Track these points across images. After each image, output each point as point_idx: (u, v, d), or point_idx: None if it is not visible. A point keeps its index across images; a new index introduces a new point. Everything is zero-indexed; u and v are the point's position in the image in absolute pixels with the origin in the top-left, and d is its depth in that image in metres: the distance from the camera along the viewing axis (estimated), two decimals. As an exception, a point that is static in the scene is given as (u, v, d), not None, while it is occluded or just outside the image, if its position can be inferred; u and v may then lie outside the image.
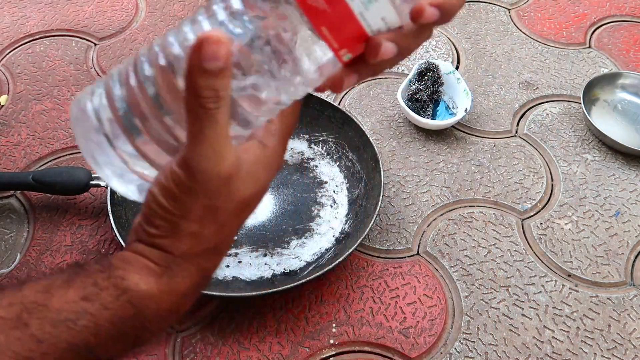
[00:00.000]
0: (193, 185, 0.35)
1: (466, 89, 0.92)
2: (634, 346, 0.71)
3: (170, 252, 0.37)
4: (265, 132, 0.38)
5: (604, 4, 1.15)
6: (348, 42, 0.34)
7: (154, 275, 0.37)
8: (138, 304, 0.37)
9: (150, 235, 0.37)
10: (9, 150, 0.88)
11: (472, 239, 0.80)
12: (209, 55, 0.32)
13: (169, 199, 0.36)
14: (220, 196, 0.36)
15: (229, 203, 0.37)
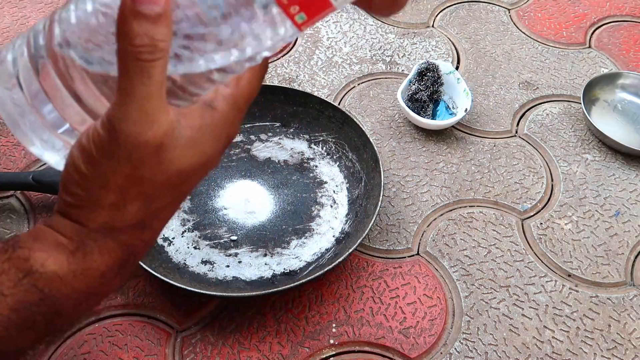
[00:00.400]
0: (115, 150, 0.30)
1: (466, 89, 0.92)
2: (634, 346, 0.71)
3: (85, 225, 0.32)
4: (214, 95, 0.33)
5: (604, 4, 1.15)
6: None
7: (64, 252, 0.32)
8: (45, 287, 0.32)
9: (66, 204, 0.32)
10: (9, 150, 0.88)
11: (472, 239, 0.80)
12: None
13: (87, 163, 0.31)
14: (147, 166, 0.31)
15: (158, 174, 0.32)
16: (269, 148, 0.88)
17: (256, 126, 0.89)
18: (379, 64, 1.03)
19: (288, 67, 1.01)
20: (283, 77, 1.00)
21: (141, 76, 0.28)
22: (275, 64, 1.02)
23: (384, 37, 1.07)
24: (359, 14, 1.12)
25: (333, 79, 0.99)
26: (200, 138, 0.32)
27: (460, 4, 1.14)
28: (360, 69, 1.01)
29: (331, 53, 1.04)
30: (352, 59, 1.03)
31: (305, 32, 0.35)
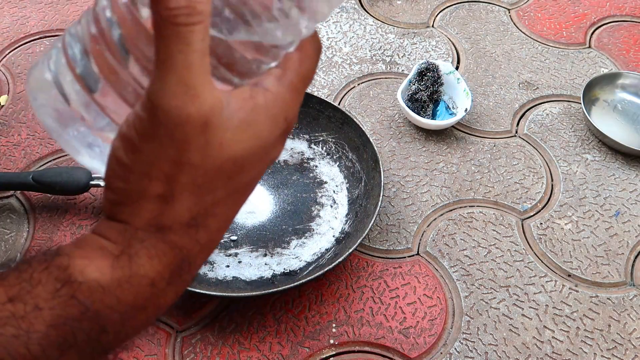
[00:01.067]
0: (156, 130, 0.26)
1: (466, 89, 0.92)
2: (634, 346, 0.71)
3: (130, 223, 0.28)
4: (265, 76, 0.29)
5: (604, 4, 1.15)
6: None
7: (108, 258, 0.28)
8: (86, 299, 0.27)
9: (110, 202, 0.28)
10: (9, 150, 0.88)
11: (472, 239, 0.80)
12: None
13: (128, 151, 0.27)
14: (194, 149, 0.27)
15: (208, 160, 0.27)
16: (269, 148, 0.87)
17: (256, 126, 0.89)
18: (379, 64, 1.02)
19: (288, 67, 1.01)
20: (283, 77, 0.99)
21: (178, 43, 0.25)
22: (275, 64, 1.02)
23: (384, 37, 1.07)
24: (359, 14, 1.12)
25: (333, 79, 0.99)
26: (255, 119, 0.28)
27: (460, 4, 1.14)
28: (360, 69, 1.01)
29: (331, 53, 1.04)
30: (352, 59, 1.03)
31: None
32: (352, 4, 1.13)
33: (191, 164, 0.27)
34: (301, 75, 0.30)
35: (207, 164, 0.27)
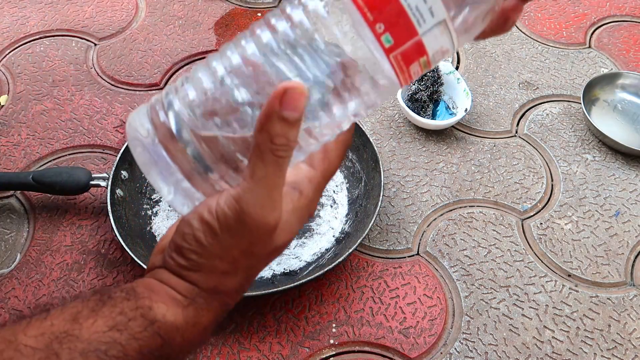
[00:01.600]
0: (240, 229, 0.35)
1: (466, 89, 0.92)
2: (634, 346, 0.71)
3: (197, 286, 0.37)
4: (303, 180, 0.37)
5: (604, 4, 1.15)
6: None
7: (180, 307, 0.37)
8: (166, 336, 0.37)
9: (180, 266, 0.37)
10: (9, 150, 0.88)
11: (472, 239, 0.80)
12: (290, 105, 0.32)
13: (208, 235, 0.35)
14: (261, 244, 0.36)
15: (264, 250, 0.36)
16: (269, 148, 0.88)
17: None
18: (379, 64, 1.02)
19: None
20: (283, 77, 0.99)
21: (274, 168, 0.33)
22: (275, 64, 1.02)
23: (384, 37, 1.07)
24: (359, 14, 1.12)
25: (333, 79, 0.99)
26: (292, 220, 0.36)
27: (460, 4, 1.14)
28: (360, 69, 1.01)
29: (331, 53, 1.04)
30: (352, 59, 1.03)
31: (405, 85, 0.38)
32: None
33: (254, 253, 0.36)
34: (328, 175, 0.38)
35: (262, 253, 0.37)
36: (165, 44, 1.04)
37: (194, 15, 1.09)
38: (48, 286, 0.74)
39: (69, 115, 0.93)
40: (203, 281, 0.37)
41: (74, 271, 0.75)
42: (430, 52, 0.34)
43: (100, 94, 0.96)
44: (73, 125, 0.91)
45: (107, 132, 0.91)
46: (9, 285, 0.74)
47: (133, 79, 0.98)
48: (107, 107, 0.94)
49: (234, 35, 1.05)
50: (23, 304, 0.72)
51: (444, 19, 0.33)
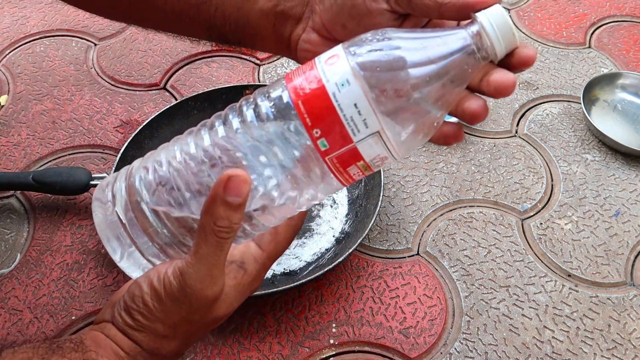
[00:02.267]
0: (181, 298, 0.39)
1: (466, 89, 0.92)
2: (634, 346, 0.71)
3: (140, 345, 0.41)
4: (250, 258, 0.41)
5: (604, 4, 1.15)
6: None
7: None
8: None
9: (126, 325, 0.40)
10: (9, 150, 0.88)
11: (472, 239, 0.80)
12: (233, 191, 0.35)
13: (154, 300, 0.39)
14: (199, 313, 0.40)
15: (203, 319, 0.40)
16: (269, 148, 0.88)
17: (256, 126, 0.89)
18: (379, 64, 1.02)
19: (288, 67, 1.01)
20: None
21: (215, 248, 0.37)
22: (275, 64, 1.02)
23: (384, 37, 1.07)
24: (359, 14, 1.12)
25: (333, 79, 0.99)
26: (233, 294, 0.40)
27: (460, 4, 1.14)
28: (360, 69, 1.01)
29: (331, 53, 1.04)
30: (352, 59, 1.03)
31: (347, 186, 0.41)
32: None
33: (193, 321, 0.40)
34: (273, 258, 0.42)
35: (201, 322, 0.40)
36: (165, 44, 1.04)
37: (194, 15, 1.09)
38: (48, 286, 0.74)
39: (69, 115, 0.93)
40: (145, 342, 0.40)
41: (74, 271, 0.75)
42: (367, 158, 0.37)
43: (100, 94, 0.96)
44: (73, 125, 0.91)
45: (107, 132, 0.91)
46: (9, 285, 0.74)
47: (133, 79, 0.98)
48: (107, 107, 0.94)
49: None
50: (23, 304, 0.72)
51: (378, 130, 0.35)
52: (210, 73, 1.00)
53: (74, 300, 0.72)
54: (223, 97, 0.88)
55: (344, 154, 0.36)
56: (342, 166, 0.37)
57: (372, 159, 0.37)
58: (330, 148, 0.36)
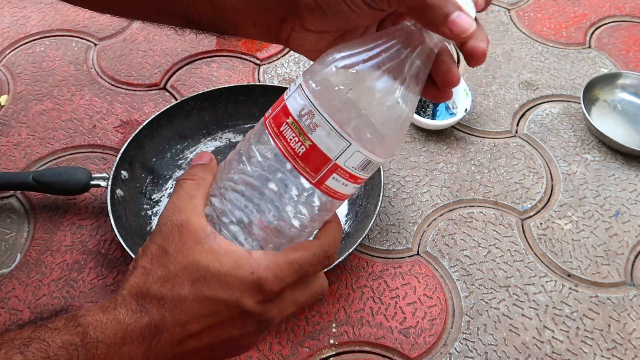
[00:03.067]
0: (155, 228, 0.42)
1: (466, 89, 0.92)
2: (633, 346, 0.71)
3: (122, 288, 0.41)
4: (263, 255, 0.41)
5: (604, 4, 1.15)
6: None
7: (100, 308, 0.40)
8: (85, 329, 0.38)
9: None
10: (9, 150, 0.88)
11: (472, 239, 0.80)
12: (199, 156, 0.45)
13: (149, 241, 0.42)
14: (171, 241, 0.40)
15: (179, 255, 0.40)
16: (269, 148, 0.88)
17: (256, 126, 0.89)
18: (379, 64, 1.02)
19: (288, 67, 1.01)
20: (283, 77, 1.00)
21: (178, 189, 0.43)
22: (275, 63, 1.02)
23: (384, 37, 1.07)
24: (359, 14, 1.12)
25: (333, 79, 0.99)
26: (225, 257, 0.40)
27: (460, 4, 1.14)
28: (360, 69, 1.01)
29: (331, 53, 1.04)
30: (352, 59, 1.03)
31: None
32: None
33: (168, 251, 0.40)
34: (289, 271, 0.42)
35: (178, 258, 0.40)
36: (165, 44, 1.04)
37: (194, 15, 1.09)
38: (48, 286, 0.74)
39: (69, 115, 0.93)
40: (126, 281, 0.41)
41: (74, 271, 0.75)
42: (351, 170, 0.40)
43: (100, 94, 0.96)
44: (73, 125, 0.91)
45: (107, 132, 0.91)
46: (9, 285, 0.74)
47: (133, 79, 0.98)
48: (107, 107, 0.94)
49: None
50: (23, 304, 0.72)
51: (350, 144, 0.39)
52: (210, 73, 1.00)
53: (74, 300, 0.72)
54: (223, 97, 0.88)
55: (327, 173, 0.39)
56: (330, 191, 0.41)
57: (355, 168, 0.40)
58: (314, 173, 0.40)
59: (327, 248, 0.43)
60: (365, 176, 0.41)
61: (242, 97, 0.88)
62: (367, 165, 0.40)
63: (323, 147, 0.38)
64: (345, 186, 0.41)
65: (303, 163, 0.39)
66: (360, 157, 0.39)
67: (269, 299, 0.41)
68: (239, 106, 0.89)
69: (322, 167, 0.39)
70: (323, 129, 0.38)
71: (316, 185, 0.40)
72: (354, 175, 0.40)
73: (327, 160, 0.39)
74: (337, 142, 0.38)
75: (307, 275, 0.43)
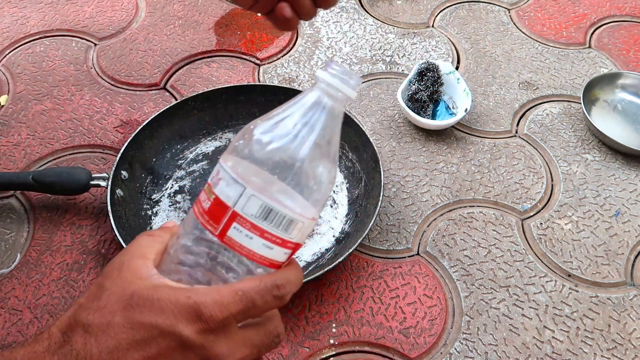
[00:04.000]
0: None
1: (466, 89, 0.92)
2: (634, 346, 0.71)
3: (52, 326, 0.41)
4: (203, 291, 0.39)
5: (604, 4, 1.15)
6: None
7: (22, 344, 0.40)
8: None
9: None
10: (9, 150, 0.88)
11: (472, 239, 0.80)
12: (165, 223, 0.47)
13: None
14: (110, 276, 0.40)
15: (115, 286, 0.39)
16: (269, 148, 0.88)
17: (256, 126, 0.89)
18: (379, 64, 1.02)
19: (288, 67, 1.01)
20: (283, 77, 1.00)
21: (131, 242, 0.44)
22: (275, 63, 1.02)
23: (384, 37, 1.07)
24: (359, 14, 1.12)
25: (333, 79, 0.99)
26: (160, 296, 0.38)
27: (460, 4, 1.14)
28: (360, 69, 1.01)
29: (331, 53, 1.04)
30: (352, 59, 1.03)
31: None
32: (352, 4, 1.13)
33: (104, 287, 0.39)
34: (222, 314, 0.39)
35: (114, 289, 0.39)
36: (165, 44, 1.04)
37: (194, 15, 1.09)
38: (48, 286, 0.74)
39: (69, 115, 0.93)
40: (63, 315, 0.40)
41: (74, 271, 0.75)
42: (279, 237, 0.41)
43: (100, 94, 0.96)
44: (73, 125, 0.91)
45: (107, 132, 0.91)
46: (9, 285, 0.74)
47: (133, 79, 0.98)
48: (107, 107, 0.94)
49: (234, 35, 1.05)
50: (23, 304, 0.72)
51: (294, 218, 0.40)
52: (210, 73, 1.00)
53: (73, 300, 0.72)
54: (223, 97, 0.88)
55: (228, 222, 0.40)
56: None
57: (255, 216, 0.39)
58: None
59: (277, 279, 0.39)
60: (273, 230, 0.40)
61: (242, 97, 0.88)
62: (268, 213, 0.39)
63: (223, 196, 0.39)
64: (251, 239, 0.39)
65: (207, 216, 0.40)
66: (258, 202, 0.39)
67: (211, 328, 0.37)
68: (239, 106, 0.89)
69: (223, 217, 0.39)
70: (224, 180, 0.40)
71: (219, 237, 0.39)
72: (256, 225, 0.39)
73: (227, 208, 0.39)
74: (234, 189, 0.39)
75: (255, 306, 0.38)
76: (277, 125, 0.40)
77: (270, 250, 0.40)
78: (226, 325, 0.37)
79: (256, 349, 0.39)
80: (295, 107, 0.41)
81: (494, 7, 1.14)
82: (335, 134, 0.41)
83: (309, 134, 0.40)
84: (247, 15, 1.10)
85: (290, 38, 1.06)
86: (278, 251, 0.40)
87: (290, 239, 0.40)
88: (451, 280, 0.76)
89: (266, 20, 0.49)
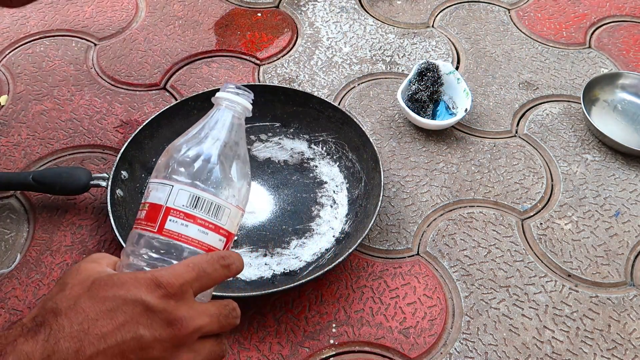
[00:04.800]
0: None
1: (466, 89, 0.92)
2: (633, 346, 0.71)
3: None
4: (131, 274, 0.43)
5: (604, 4, 1.15)
6: None
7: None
8: None
9: None
10: (9, 150, 0.88)
11: (472, 239, 0.80)
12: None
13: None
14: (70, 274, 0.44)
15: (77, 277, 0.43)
16: (269, 148, 0.88)
17: (256, 126, 0.89)
18: (379, 64, 1.02)
19: (288, 67, 1.01)
20: (283, 77, 1.00)
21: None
22: (275, 64, 1.02)
23: (384, 37, 1.07)
24: (359, 14, 1.12)
25: (333, 79, 0.99)
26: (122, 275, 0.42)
27: (460, 4, 1.14)
28: (360, 69, 1.01)
29: (331, 53, 1.04)
30: (352, 59, 1.03)
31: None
32: (352, 4, 1.13)
33: (66, 282, 0.43)
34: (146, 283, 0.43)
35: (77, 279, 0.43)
36: (165, 44, 1.04)
37: (194, 15, 1.09)
38: (48, 286, 0.74)
39: (69, 115, 0.93)
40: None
41: (74, 271, 0.75)
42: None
43: (100, 94, 0.96)
44: (73, 125, 0.91)
45: (107, 132, 0.91)
46: (9, 285, 0.74)
47: (133, 79, 0.98)
48: (107, 107, 0.94)
49: (234, 35, 1.05)
50: (23, 304, 0.72)
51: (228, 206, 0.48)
52: (210, 73, 1.00)
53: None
54: (223, 97, 0.88)
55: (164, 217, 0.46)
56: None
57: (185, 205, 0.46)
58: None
59: (221, 252, 0.45)
60: (204, 216, 0.46)
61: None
62: (197, 201, 0.45)
63: (155, 200, 0.46)
64: (187, 227, 0.45)
65: (145, 221, 0.46)
66: (186, 193, 0.45)
67: (170, 293, 0.41)
68: (239, 106, 0.89)
69: (158, 215, 0.45)
70: (154, 189, 0.47)
71: (159, 232, 0.45)
72: (189, 213, 0.45)
73: (160, 207, 0.45)
74: (163, 190, 0.46)
75: (206, 274, 0.43)
76: (190, 138, 0.48)
77: (205, 235, 0.46)
78: (184, 292, 0.42)
79: (215, 318, 0.43)
80: (204, 121, 0.49)
81: (494, 7, 1.14)
82: (242, 138, 0.50)
83: (217, 139, 0.48)
84: (247, 15, 1.10)
85: (290, 38, 1.06)
86: (213, 237, 0.46)
87: (222, 225, 0.46)
88: (451, 281, 0.76)
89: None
